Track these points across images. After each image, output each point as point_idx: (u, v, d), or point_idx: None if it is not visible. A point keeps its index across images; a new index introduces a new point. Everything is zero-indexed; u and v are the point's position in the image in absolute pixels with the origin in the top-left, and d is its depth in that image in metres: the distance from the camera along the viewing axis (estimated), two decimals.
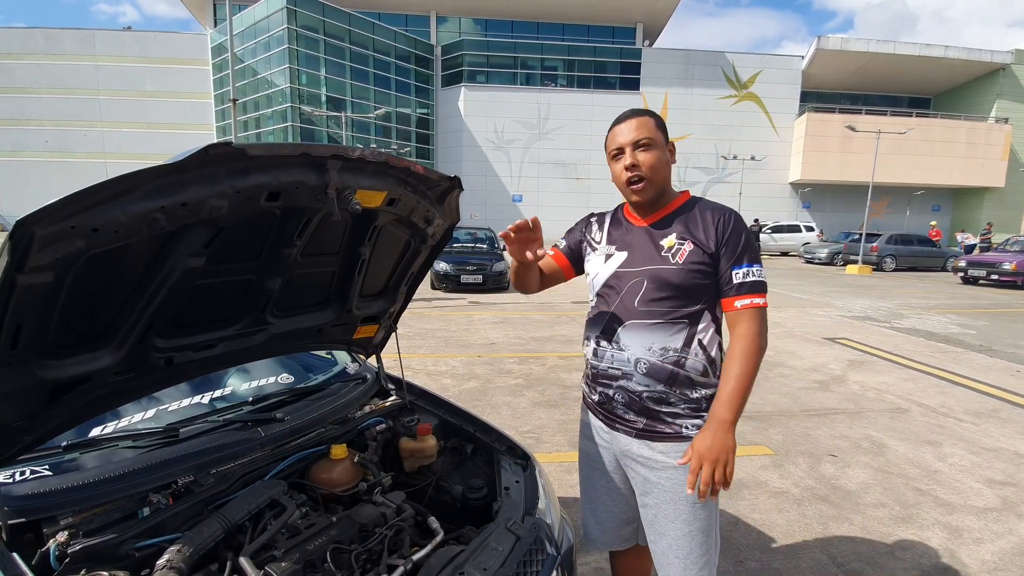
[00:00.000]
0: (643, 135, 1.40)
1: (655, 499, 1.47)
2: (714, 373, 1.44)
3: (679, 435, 1.43)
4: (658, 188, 1.44)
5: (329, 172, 1.18)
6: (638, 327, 1.43)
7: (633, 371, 1.44)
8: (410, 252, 1.78)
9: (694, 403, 1.43)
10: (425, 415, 2.01)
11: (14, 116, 36.37)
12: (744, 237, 1.39)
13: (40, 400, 1.12)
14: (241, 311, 1.49)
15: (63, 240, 0.88)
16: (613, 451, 1.56)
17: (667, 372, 1.41)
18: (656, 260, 1.42)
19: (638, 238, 1.48)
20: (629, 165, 1.41)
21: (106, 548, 1.16)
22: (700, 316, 1.42)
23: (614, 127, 1.47)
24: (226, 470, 1.44)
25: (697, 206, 1.46)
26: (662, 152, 1.42)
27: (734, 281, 1.37)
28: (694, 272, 1.38)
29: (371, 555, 1.36)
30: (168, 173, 0.94)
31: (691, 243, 1.40)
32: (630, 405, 1.47)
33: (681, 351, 1.41)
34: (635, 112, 1.45)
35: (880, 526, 2.60)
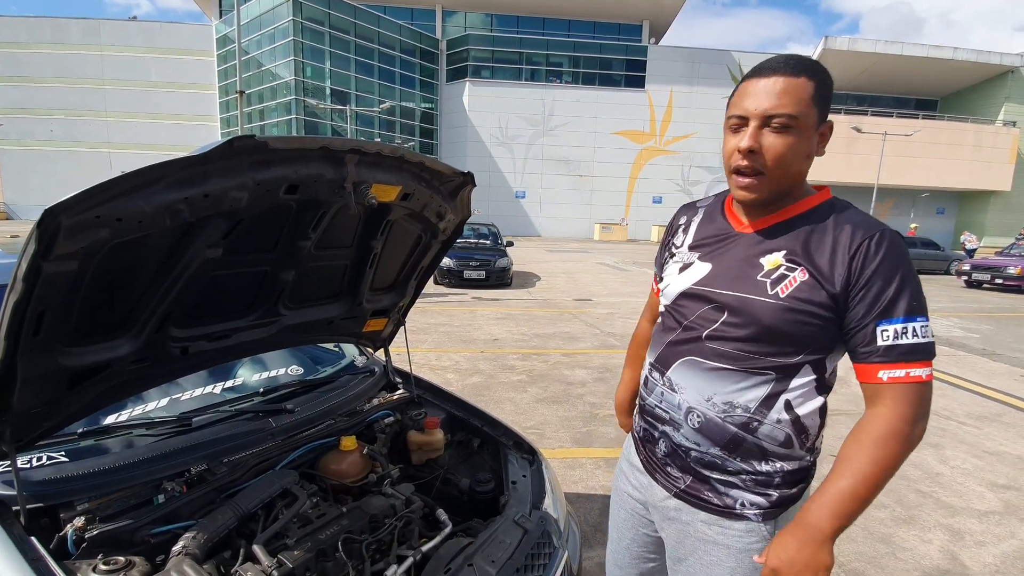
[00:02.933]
0: (783, 108, 0.91)
1: (688, 568, 1.14)
2: (802, 444, 1.03)
3: (731, 511, 1.06)
4: (778, 190, 0.99)
5: (347, 166, 1.19)
6: (699, 368, 1.06)
7: (683, 422, 1.09)
8: (421, 247, 1.79)
9: (763, 476, 1.04)
10: (433, 409, 2.02)
11: (21, 105, 36.42)
12: (901, 275, 0.91)
13: (60, 387, 1.13)
14: (255, 302, 1.50)
15: (88, 229, 0.89)
16: (644, 498, 1.24)
17: (728, 435, 1.03)
18: (747, 285, 1.00)
19: (731, 248, 1.06)
20: (744, 149, 0.95)
21: (122, 534, 1.18)
22: (797, 371, 0.99)
23: (749, 79, 0.97)
24: (238, 459, 1.45)
25: (833, 216, 0.98)
26: (804, 139, 0.94)
27: (878, 343, 0.92)
28: (801, 314, 0.95)
29: (381, 546, 1.38)
30: (192, 164, 0.95)
31: (805, 271, 0.95)
32: (673, 458, 1.13)
33: (755, 412, 1.01)
34: (788, 65, 0.93)
35: (881, 527, 2.62)
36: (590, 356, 5.66)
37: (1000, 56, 34.88)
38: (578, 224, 36.44)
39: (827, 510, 0.91)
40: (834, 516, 0.90)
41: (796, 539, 0.91)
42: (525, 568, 1.33)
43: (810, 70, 0.94)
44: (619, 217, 36.30)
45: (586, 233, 36.00)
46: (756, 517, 1.05)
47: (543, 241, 30.27)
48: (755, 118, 0.94)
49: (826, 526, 0.90)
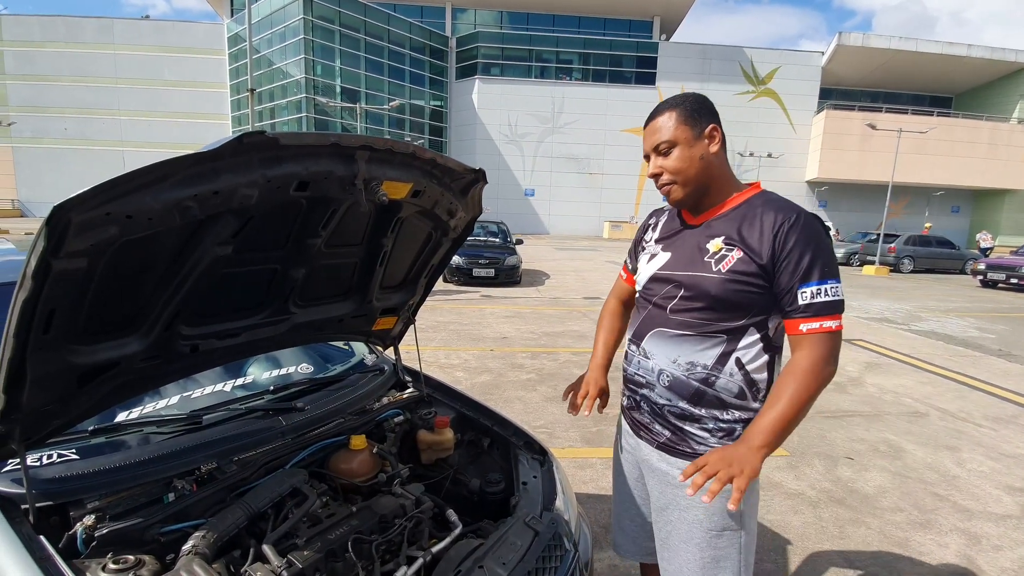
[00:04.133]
0: (660, 139, 1.24)
1: (669, 516, 1.35)
2: (754, 396, 1.26)
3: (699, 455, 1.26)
4: (694, 188, 1.26)
5: (358, 163, 1.18)
6: (665, 336, 1.30)
7: (655, 382, 1.32)
8: (431, 244, 1.77)
9: (725, 424, 1.27)
10: (442, 408, 2.01)
11: (35, 103, 36.90)
12: (813, 247, 1.15)
13: (70, 385, 1.13)
14: (265, 300, 1.49)
15: (98, 227, 0.88)
16: (636, 458, 1.46)
17: (692, 389, 1.27)
18: (697, 265, 1.25)
19: (685, 238, 1.32)
20: (651, 175, 1.30)
21: (132, 532, 1.17)
22: (743, 332, 1.23)
23: (644, 128, 1.33)
24: (248, 458, 1.44)
25: (761, 205, 1.22)
26: (688, 148, 1.22)
27: (799, 302, 1.15)
28: (739, 284, 1.19)
29: (391, 546, 1.36)
30: (202, 161, 0.93)
31: (740, 250, 1.19)
32: (654, 416, 1.35)
33: (712, 368, 1.24)
34: (658, 109, 1.27)
35: (898, 531, 2.57)
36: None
37: (1015, 53, 34.30)
38: (587, 222, 36.31)
39: (758, 430, 1.13)
40: (764, 434, 1.12)
41: (732, 447, 1.12)
42: (536, 571, 1.30)
43: (670, 104, 1.25)
44: (629, 215, 36.10)
45: (595, 231, 35.87)
46: None
47: (552, 239, 30.20)
48: (650, 152, 1.28)
49: (758, 441, 1.12)
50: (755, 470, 1.08)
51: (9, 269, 1.72)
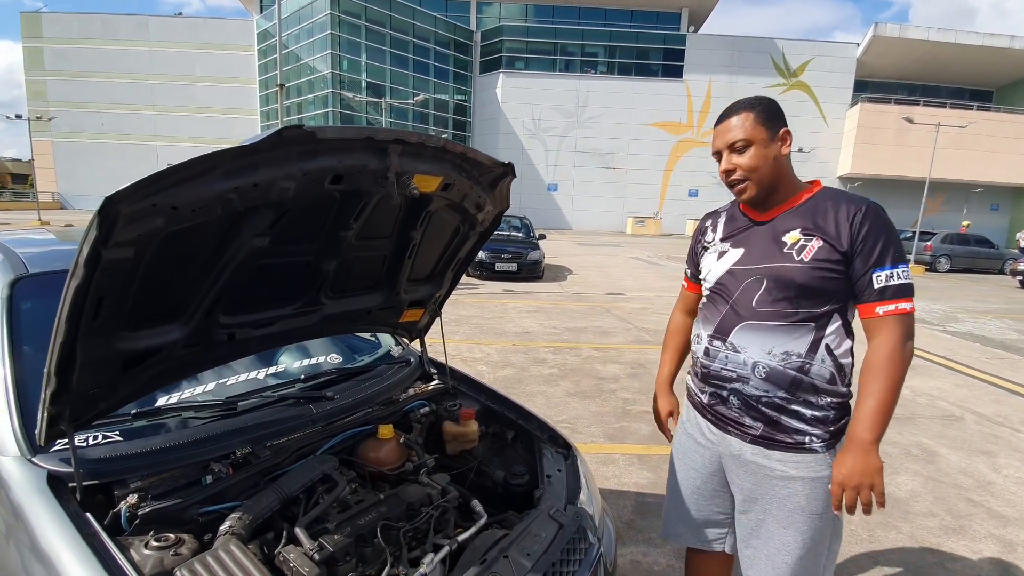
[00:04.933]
0: (736, 137, 1.30)
1: (765, 505, 1.38)
2: (842, 381, 1.32)
3: (801, 446, 1.32)
4: (764, 186, 1.33)
5: (391, 156, 1.19)
6: (756, 328, 1.33)
7: (750, 375, 1.34)
8: (459, 238, 1.79)
9: (820, 410, 1.31)
10: (467, 400, 2.03)
11: (73, 99, 38.14)
12: (885, 234, 1.23)
13: (115, 370, 1.18)
14: (297, 291, 1.53)
15: (145, 217, 0.92)
16: (717, 452, 1.47)
17: (789, 378, 1.30)
18: (777, 257, 1.31)
19: (755, 234, 1.38)
20: (722, 171, 1.36)
21: (172, 512, 1.22)
22: (828, 318, 1.29)
23: (715, 127, 1.39)
24: (281, 444, 1.49)
25: (830, 199, 1.31)
26: (763, 148, 1.29)
27: (875, 286, 1.22)
28: (822, 271, 1.25)
29: (417, 534, 1.39)
30: (243, 155, 0.96)
31: (820, 239, 1.26)
32: (746, 409, 1.37)
33: (806, 356, 1.29)
34: (732, 109, 1.34)
35: (930, 536, 2.51)
36: (623, 351, 5.60)
37: None
38: (610, 217, 36.00)
39: (864, 426, 1.21)
40: (870, 429, 1.20)
41: (850, 455, 1.21)
42: (560, 563, 1.32)
43: (746, 105, 1.33)
44: (653, 211, 35.67)
45: (618, 227, 35.54)
46: (821, 448, 1.31)
47: (574, 234, 30.06)
48: (724, 149, 1.34)
49: (867, 437, 1.20)
50: (879, 468, 1.20)
51: (54, 258, 1.79)
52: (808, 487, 1.31)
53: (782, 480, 1.34)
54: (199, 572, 1.03)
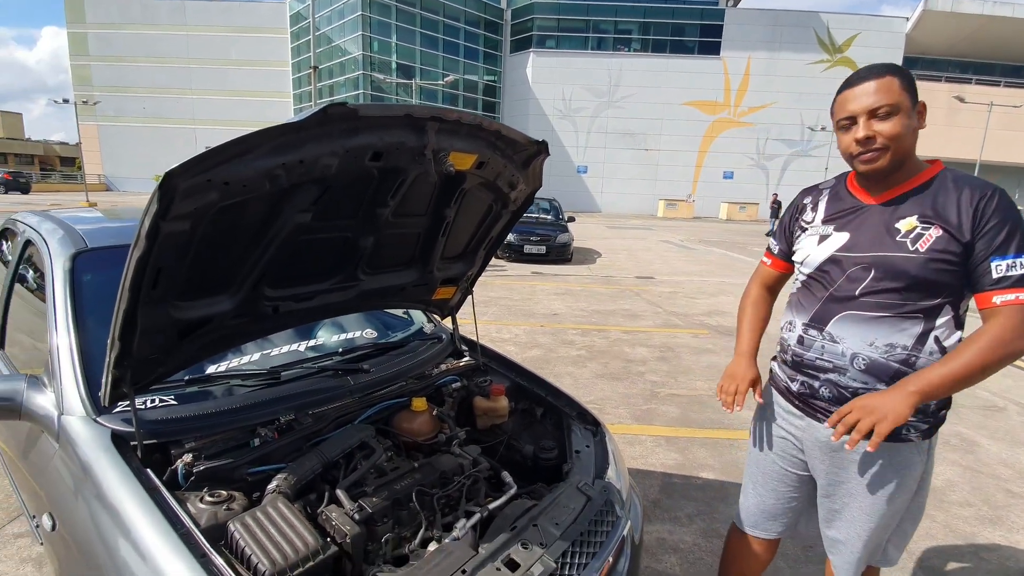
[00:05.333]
0: (882, 101, 1.17)
1: (850, 489, 1.36)
2: None
3: (896, 435, 1.24)
4: (897, 160, 1.21)
5: (428, 133, 1.22)
6: (858, 319, 1.26)
7: (848, 366, 1.28)
8: (491, 216, 1.81)
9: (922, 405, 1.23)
10: (497, 377, 2.07)
11: (116, 84, 39.36)
12: (1011, 221, 1.14)
13: (172, 337, 1.25)
14: (336, 267, 1.58)
15: (200, 192, 0.97)
16: (802, 438, 1.43)
17: (892, 371, 1.23)
18: (888, 245, 1.22)
19: (865, 218, 1.28)
20: (862, 138, 1.20)
21: (224, 471, 1.30)
22: (940, 311, 1.21)
23: (845, 90, 1.24)
24: (321, 412, 1.56)
25: (952, 181, 1.21)
26: (907, 118, 1.18)
27: (994, 275, 1.14)
28: (939, 263, 1.17)
29: (450, 501, 1.45)
30: (288, 132, 1.00)
31: (939, 227, 1.17)
32: (839, 400, 1.30)
33: (912, 349, 1.22)
34: (874, 71, 1.20)
35: (965, 525, 2.46)
36: (651, 334, 5.57)
37: None
38: (641, 200, 35.41)
39: (919, 377, 1.16)
40: (924, 381, 1.14)
41: (881, 393, 1.17)
42: (588, 533, 1.35)
43: (890, 70, 1.20)
44: (685, 193, 34.90)
45: (649, 210, 34.96)
46: (917, 437, 1.28)
47: (604, 217, 29.73)
48: (863, 113, 1.19)
49: (913, 386, 1.14)
50: (900, 416, 1.11)
51: (110, 234, 1.88)
52: (898, 474, 1.29)
53: (871, 466, 1.31)
54: (250, 525, 1.11)
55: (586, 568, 1.27)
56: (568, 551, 1.27)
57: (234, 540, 1.08)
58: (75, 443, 1.27)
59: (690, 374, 4.33)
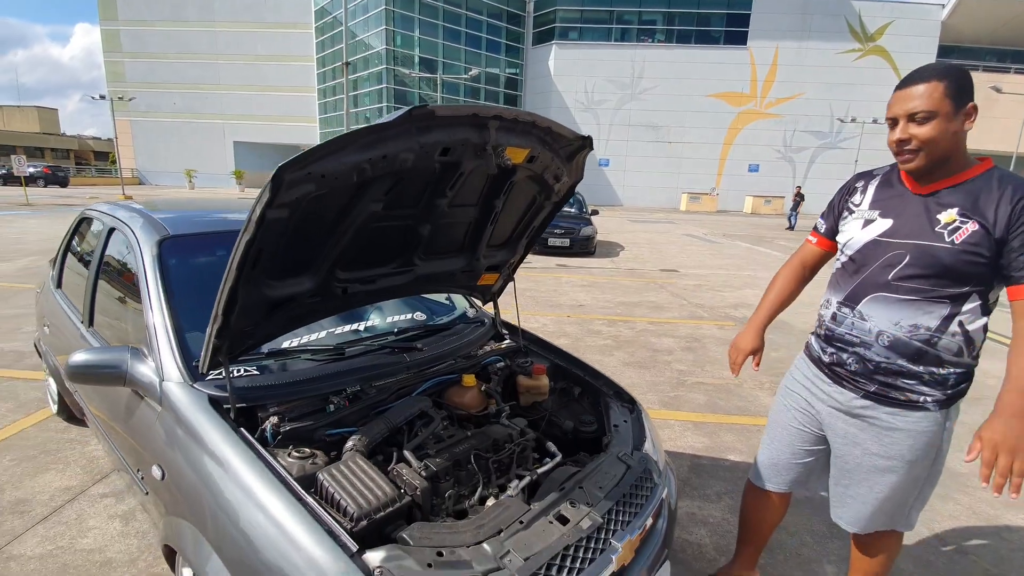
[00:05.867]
0: (920, 107, 1.25)
1: (865, 449, 1.48)
2: (970, 353, 1.35)
3: (914, 404, 1.38)
4: (933, 161, 1.29)
5: (489, 130, 1.35)
6: (888, 300, 1.37)
7: (873, 342, 1.40)
8: (535, 207, 1.94)
9: (939, 376, 1.36)
10: (538, 358, 2.21)
11: (148, 80, 40.38)
12: None
13: (262, 313, 1.42)
14: (396, 253, 1.73)
15: (301, 183, 1.12)
16: (826, 401, 1.56)
17: (913, 348, 1.35)
18: (927, 235, 1.31)
19: (909, 206, 1.36)
20: (897, 140, 1.31)
21: (305, 432, 1.47)
22: (967, 298, 1.31)
23: (896, 91, 1.32)
24: (383, 384, 1.71)
25: (996, 180, 1.28)
26: (946, 123, 1.25)
27: None
28: (971, 255, 1.26)
29: (501, 465, 1.59)
30: (377, 131, 1.15)
31: (975, 223, 1.25)
32: (863, 370, 1.44)
33: (936, 331, 1.33)
34: (923, 74, 1.27)
35: (988, 508, 2.52)
36: (677, 326, 5.64)
37: None
38: (663, 194, 35.10)
39: (1018, 393, 1.23)
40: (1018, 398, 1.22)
41: (1001, 419, 1.23)
42: (629, 496, 1.48)
43: (937, 74, 1.25)
44: (709, 186, 34.47)
45: (672, 203, 34.64)
46: (934, 407, 1.38)
47: (626, 211, 29.57)
48: (903, 117, 1.29)
49: (1020, 404, 1.22)
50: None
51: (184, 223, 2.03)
52: (911, 438, 1.40)
53: (886, 430, 1.43)
54: (336, 476, 1.27)
55: (628, 525, 1.40)
56: (612, 510, 1.40)
57: (323, 487, 1.24)
58: (176, 406, 1.45)
59: (716, 364, 4.40)
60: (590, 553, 1.29)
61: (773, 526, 1.87)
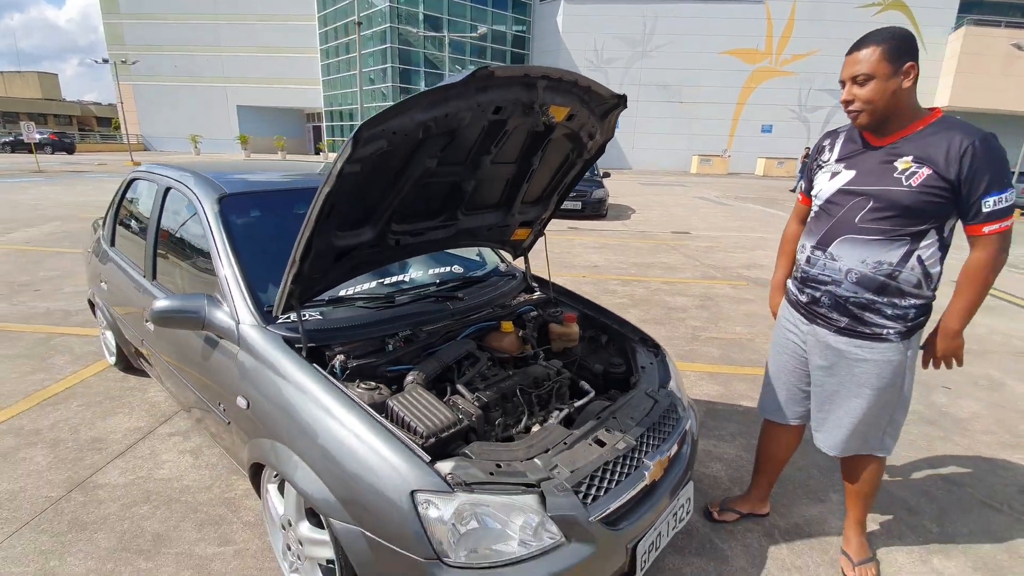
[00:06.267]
0: (860, 71, 1.42)
1: (840, 379, 1.67)
2: (928, 286, 1.53)
3: (879, 336, 1.57)
4: (878, 117, 1.45)
5: (538, 90, 1.46)
6: (855, 242, 1.54)
7: (843, 279, 1.58)
8: (567, 164, 2.06)
9: (901, 310, 1.54)
10: (567, 308, 2.36)
11: (149, 43, 39.66)
12: (994, 164, 1.37)
13: (330, 261, 1.57)
14: (442, 207, 1.87)
15: (376, 140, 1.25)
16: (805, 339, 1.75)
17: (878, 283, 1.53)
18: (888, 181, 1.47)
19: (870, 158, 1.53)
20: (843, 101, 1.49)
21: (368, 368, 1.64)
22: (925, 234, 1.48)
23: (846, 55, 1.49)
24: (432, 329, 1.88)
25: (944, 129, 1.42)
26: (883, 82, 1.40)
27: (983, 211, 1.40)
28: (928, 196, 1.42)
29: (542, 400, 1.77)
30: (441, 91, 1.26)
31: (928, 168, 1.41)
32: (835, 307, 1.62)
33: (897, 265, 1.50)
34: (863, 41, 1.44)
35: (986, 449, 2.69)
36: (690, 285, 5.77)
37: None
38: (674, 156, 34.55)
39: (954, 319, 1.55)
40: (957, 320, 1.54)
41: (941, 340, 1.59)
42: (657, 425, 1.66)
43: (876, 39, 1.41)
44: (720, 148, 33.88)
45: (682, 166, 34.16)
46: (896, 338, 1.57)
47: (635, 174, 29.25)
48: (847, 80, 1.47)
49: (955, 327, 1.55)
50: (961, 346, 1.58)
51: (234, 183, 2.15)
52: (878, 367, 1.60)
53: (857, 361, 1.62)
54: (403, 403, 1.44)
55: (657, 449, 1.58)
56: (643, 436, 1.58)
57: (394, 412, 1.42)
58: (254, 346, 1.62)
59: (729, 320, 4.56)
60: (626, 469, 1.47)
61: (784, 459, 2.05)
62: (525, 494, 1.27)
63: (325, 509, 1.32)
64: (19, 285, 4.92)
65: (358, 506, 1.28)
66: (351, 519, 1.28)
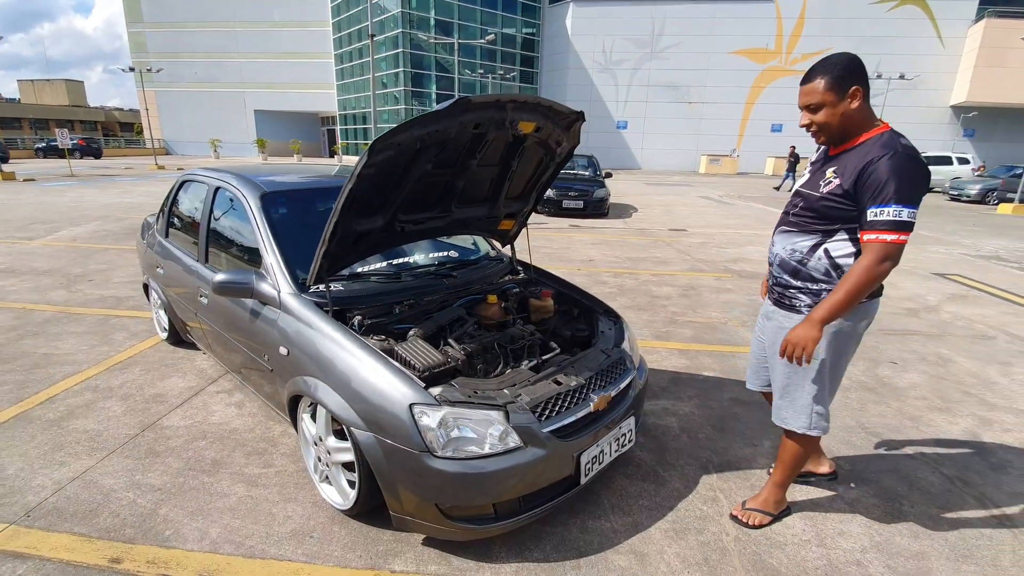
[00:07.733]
0: (809, 101, 1.68)
1: (772, 342, 1.96)
2: (838, 276, 1.74)
3: (794, 308, 1.86)
4: (833, 135, 1.71)
5: (507, 110, 1.93)
6: (783, 231, 1.88)
7: (774, 261, 1.92)
8: (542, 166, 2.53)
9: (814, 293, 1.81)
10: (545, 287, 2.83)
11: (170, 50, 40.83)
12: (895, 178, 1.52)
13: (351, 242, 2.05)
14: (438, 201, 2.34)
15: (385, 150, 1.73)
16: (765, 312, 2.06)
17: (791, 267, 1.84)
18: (813, 186, 1.77)
19: (820, 165, 1.82)
20: (801, 124, 1.77)
21: (379, 326, 2.12)
22: (834, 233, 1.73)
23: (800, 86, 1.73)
24: (431, 299, 2.36)
25: (871, 144, 1.62)
26: (832, 108, 1.65)
27: (867, 218, 1.59)
28: (829, 202, 1.69)
29: (516, 353, 2.23)
30: (433, 115, 1.73)
31: (838, 179, 1.66)
32: (774, 284, 1.95)
33: (806, 254, 1.78)
34: (809, 74, 1.68)
35: (915, 411, 3.08)
36: (677, 277, 6.19)
37: None
38: (683, 156, 34.81)
39: (820, 309, 1.68)
40: (823, 310, 1.67)
41: (801, 325, 1.72)
42: (606, 373, 2.11)
43: (820, 71, 1.66)
44: (729, 148, 34.02)
45: (691, 166, 34.39)
46: (806, 309, 1.83)
47: (644, 174, 29.56)
48: (803, 108, 1.74)
49: (816, 316, 1.68)
50: (814, 339, 1.67)
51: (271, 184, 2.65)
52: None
53: (780, 330, 1.91)
54: (406, 348, 1.92)
55: (604, 389, 2.04)
56: (592, 379, 2.04)
57: (398, 354, 1.90)
58: (292, 309, 2.11)
59: (707, 307, 4.98)
60: (575, 400, 1.93)
61: None
62: (493, 409, 1.74)
63: (348, 421, 1.80)
64: (75, 276, 5.53)
65: (372, 418, 1.75)
66: (367, 427, 1.76)
